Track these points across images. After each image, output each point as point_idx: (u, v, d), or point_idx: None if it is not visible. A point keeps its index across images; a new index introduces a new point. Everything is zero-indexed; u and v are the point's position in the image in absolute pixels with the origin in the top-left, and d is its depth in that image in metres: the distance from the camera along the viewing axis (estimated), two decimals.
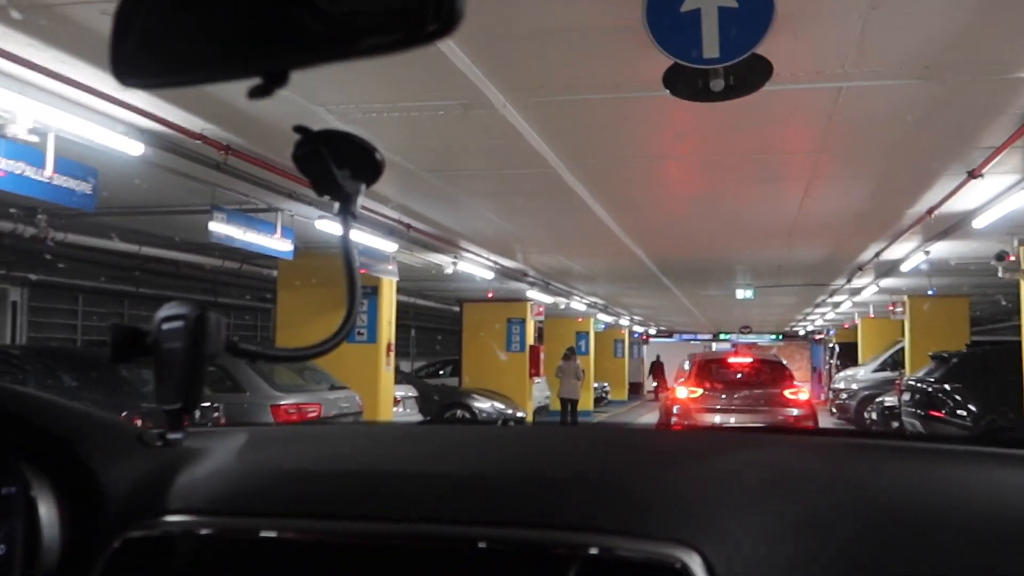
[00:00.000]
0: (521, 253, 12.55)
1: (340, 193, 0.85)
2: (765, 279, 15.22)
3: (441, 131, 5.92)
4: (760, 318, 28.41)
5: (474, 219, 9.91)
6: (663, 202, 8.96)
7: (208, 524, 0.97)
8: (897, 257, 11.70)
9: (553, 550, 0.88)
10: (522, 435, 1.51)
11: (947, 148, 6.35)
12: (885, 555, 0.85)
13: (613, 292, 19.52)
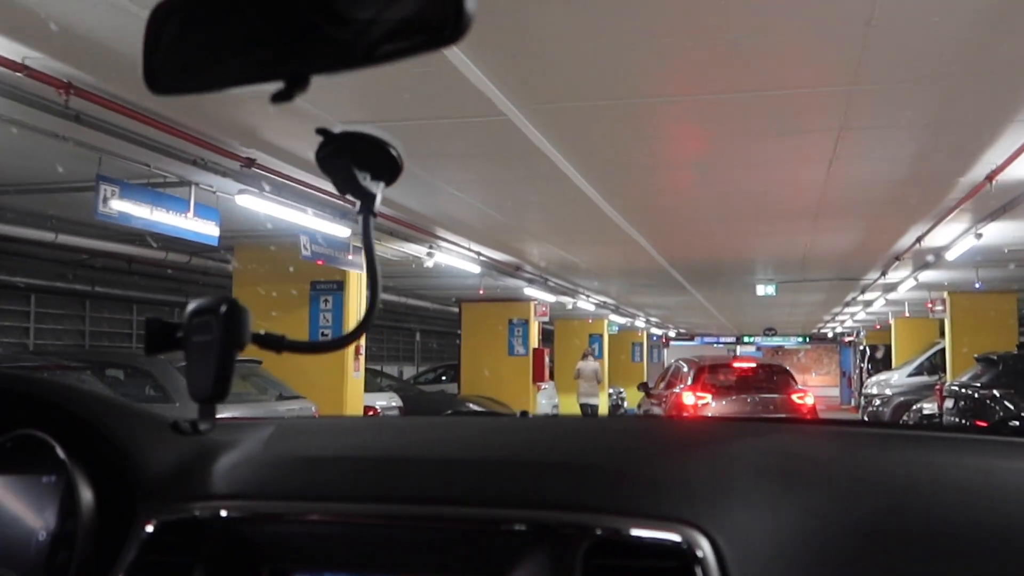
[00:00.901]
0: (512, 244, 11.07)
1: (361, 193, 0.86)
2: (788, 273, 13.61)
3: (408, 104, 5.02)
4: (785, 319, 26.72)
5: (451, 204, 8.51)
6: (666, 174, 7.46)
7: (237, 507, 1.00)
8: (940, 244, 10.09)
9: (563, 531, 0.89)
10: (538, 424, 1.61)
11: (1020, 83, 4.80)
12: (890, 539, 0.86)
13: (624, 291, 17.97)
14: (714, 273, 14.04)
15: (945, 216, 8.29)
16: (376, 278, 0.89)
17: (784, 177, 7.16)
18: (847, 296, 18.13)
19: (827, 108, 5.26)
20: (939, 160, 6.44)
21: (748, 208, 8.63)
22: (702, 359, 13.02)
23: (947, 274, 13.12)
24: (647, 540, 0.87)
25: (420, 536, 0.96)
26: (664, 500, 0.92)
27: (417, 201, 8.53)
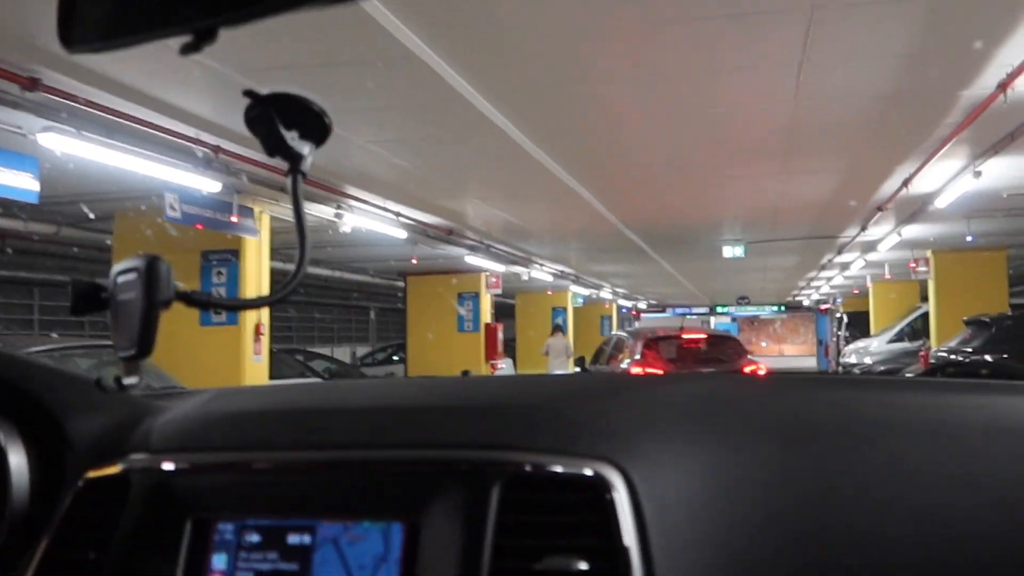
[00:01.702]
0: (441, 204, 9.57)
1: (290, 154, 0.85)
2: (758, 231, 12.18)
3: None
4: (758, 287, 25.39)
5: (365, 159, 7.11)
6: (609, 116, 6.00)
7: (161, 461, 1.02)
8: (930, 190, 8.69)
9: (480, 468, 0.91)
10: (472, 380, 1.78)
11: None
12: (803, 469, 0.88)
13: (582, 258, 16.50)
14: (676, 235, 12.59)
15: (940, 149, 6.86)
16: (305, 241, 0.85)
17: (748, 96, 5.69)
18: (823, 258, 16.75)
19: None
20: (937, 65, 4.99)
21: (708, 149, 7.18)
22: (650, 331, 11.86)
23: (934, 228, 11.75)
24: (562, 475, 0.89)
25: (340, 481, 0.97)
26: (582, 438, 0.93)
27: (324, 155, 7.02)
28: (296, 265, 0.84)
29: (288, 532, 0.96)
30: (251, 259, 9.07)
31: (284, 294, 0.87)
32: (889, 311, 19.68)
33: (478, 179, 8.43)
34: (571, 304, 23.62)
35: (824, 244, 14.08)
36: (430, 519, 0.91)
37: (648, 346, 10.69)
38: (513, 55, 4.93)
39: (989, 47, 4.71)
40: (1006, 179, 8.28)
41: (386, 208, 9.15)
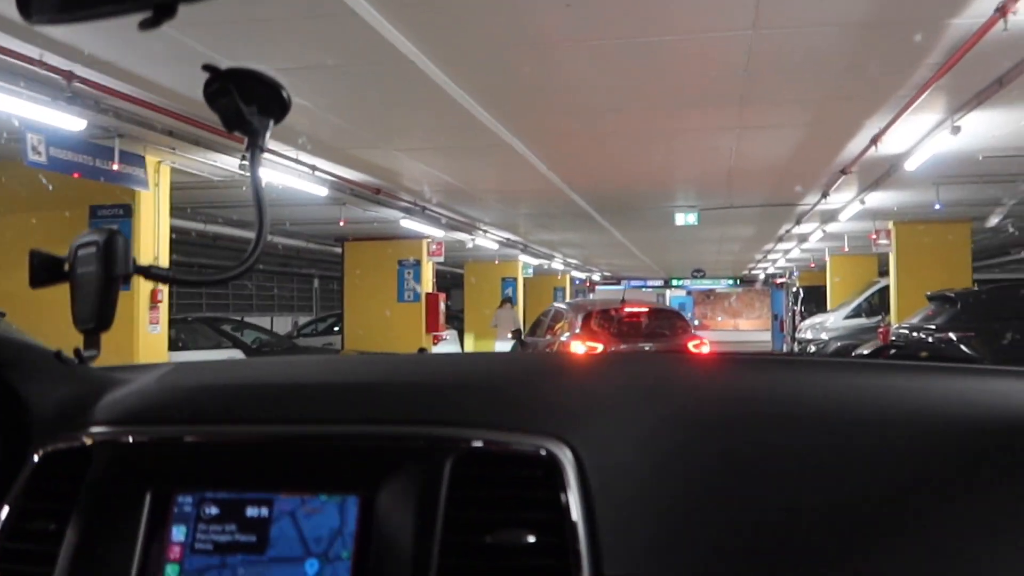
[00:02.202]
0: (366, 159, 8.59)
1: (248, 129, 0.86)
2: (712, 196, 11.35)
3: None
4: (713, 259, 24.68)
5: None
6: (547, 56, 5.10)
7: (121, 433, 1.02)
8: (899, 151, 7.91)
9: (431, 444, 0.93)
10: (425, 358, 1.67)
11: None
12: (745, 449, 0.90)
13: (528, 225, 15.58)
14: (625, 199, 11.72)
15: (916, 97, 6.03)
16: (263, 215, 0.88)
17: (700, 22, 4.80)
18: (780, 229, 16.02)
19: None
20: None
21: (656, 90, 6.30)
22: (590, 303, 11.34)
23: (899, 196, 11.01)
24: (513, 451, 0.91)
25: (298, 456, 0.98)
26: (533, 416, 0.95)
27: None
28: (255, 240, 0.88)
29: (246, 505, 0.96)
30: (146, 216, 8.06)
31: (243, 269, 0.90)
32: (846, 286, 19.12)
33: (399, 128, 7.47)
34: (521, 274, 22.77)
35: (782, 213, 13.31)
36: (384, 493, 0.93)
37: (587, 319, 9.99)
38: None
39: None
40: (984, 139, 7.50)
41: (298, 160, 8.15)
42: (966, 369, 1.11)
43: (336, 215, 11.16)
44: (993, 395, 0.99)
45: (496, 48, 5.30)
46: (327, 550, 0.93)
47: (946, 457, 0.87)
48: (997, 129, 7.17)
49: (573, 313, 10.51)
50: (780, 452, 0.89)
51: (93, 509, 0.98)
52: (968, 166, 8.70)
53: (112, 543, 0.96)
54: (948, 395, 0.99)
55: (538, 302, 23.97)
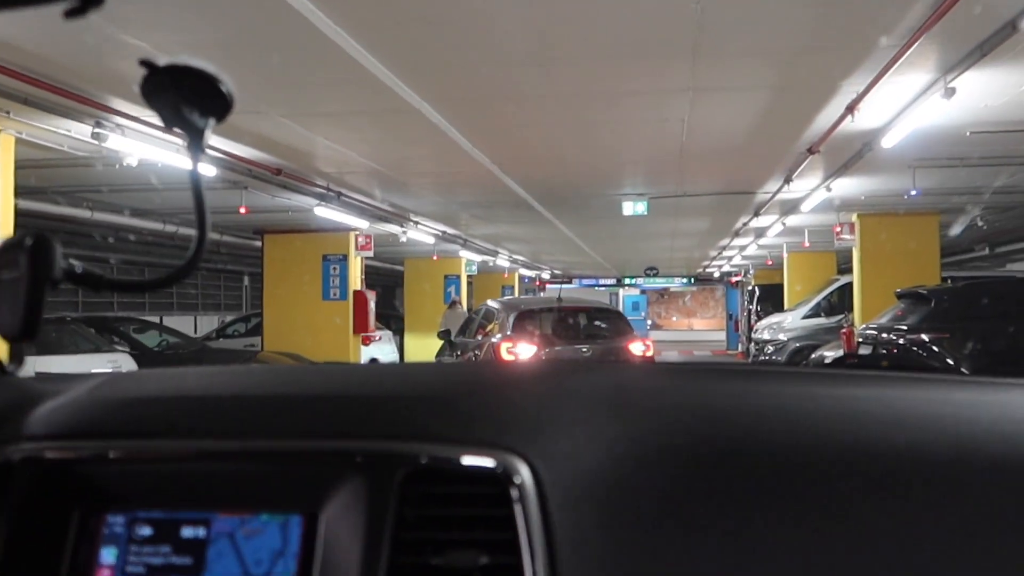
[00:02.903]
0: (257, 133, 7.26)
1: (189, 129, 0.83)
2: (662, 182, 10.16)
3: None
4: (667, 256, 23.61)
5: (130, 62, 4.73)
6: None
7: (47, 449, 0.96)
8: (877, 124, 6.78)
9: (379, 459, 0.88)
10: (378, 367, 1.59)
11: None
12: (709, 461, 0.87)
13: (465, 216, 14.31)
14: (567, 186, 10.49)
15: (910, 45, 4.87)
16: (204, 215, 0.84)
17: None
18: (737, 222, 14.93)
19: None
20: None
21: (590, 39, 5.08)
22: (524, 302, 10.54)
23: (869, 183, 9.93)
24: (465, 467, 0.87)
25: (237, 471, 0.93)
26: (485, 428, 0.91)
27: (77, 49, 4.91)
28: (195, 242, 0.83)
29: (182, 525, 0.92)
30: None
31: (182, 274, 0.87)
32: (804, 284, 18.25)
33: (287, 88, 6.15)
34: (465, 272, 21.52)
35: (739, 204, 12.19)
36: (329, 512, 0.89)
37: (520, 319, 8.97)
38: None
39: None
40: (975, 109, 6.39)
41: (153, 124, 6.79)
42: (941, 380, 1.08)
43: (236, 201, 9.80)
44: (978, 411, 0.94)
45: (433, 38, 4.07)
46: (268, 572, 0.88)
47: (925, 484, 0.84)
48: (994, 96, 6.05)
49: (505, 312, 9.43)
50: (745, 472, 0.85)
51: (15, 530, 0.91)
52: (951, 145, 7.61)
53: (36, 566, 0.91)
54: (928, 413, 0.94)
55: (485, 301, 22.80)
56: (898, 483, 0.84)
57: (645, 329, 32.74)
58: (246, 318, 18.51)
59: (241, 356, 13.87)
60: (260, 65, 5.53)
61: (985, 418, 0.92)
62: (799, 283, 18.64)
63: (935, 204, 11.86)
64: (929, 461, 0.85)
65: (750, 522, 0.82)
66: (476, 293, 23.69)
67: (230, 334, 17.84)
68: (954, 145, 7.61)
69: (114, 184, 9.42)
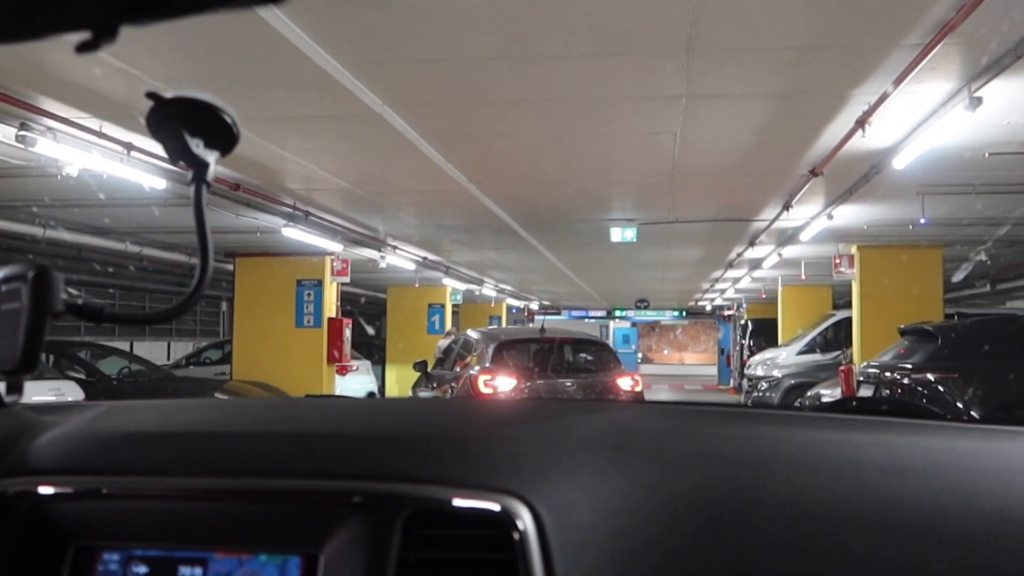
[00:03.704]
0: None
1: (194, 161, 0.83)
2: (652, 206, 9.52)
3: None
4: (658, 288, 22.98)
5: (64, 60, 4.43)
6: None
7: (42, 484, 0.94)
8: (889, 143, 6.17)
9: (382, 501, 0.87)
10: (371, 403, 1.55)
11: None
12: (713, 508, 0.86)
13: (446, 242, 13.65)
14: (551, 209, 9.84)
15: (933, 46, 4.24)
16: (208, 249, 0.84)
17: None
18: (731, 252, 14.30)
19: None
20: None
21: (573, 37, 4.45)
22: (505, 332, 10.11)
23: (872, 211, 9.31)
24: (467, 510, 0.86)
25: (235, 510, 0.91)
26: (488, 471, 0.90)
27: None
28: (197, 276, 0.82)
29: (178, 564, 0.91)
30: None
31: (185, 306, 0.85)
32: (799, 319, 17.66)
33: (237, 90, 5.49)
34: (450, 300, 20.84)
35: (734, 232, 11.57)
36: (330, 553, 0.88)
37: (500, 350, 8.33)
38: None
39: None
40: (997, 127, 5.78)
41: (102, 133, 6.14)
42: (944, 427, 1.05)
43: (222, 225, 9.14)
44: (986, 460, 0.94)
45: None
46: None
47: (924, 534, 0.84)
48: (1022, 110, 5.43)
49: (484, 343, 8.78)
50: (747, 519, 0.86)
51: (9, 564, 0.90)
52: (965, 169, 6.99)
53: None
54: (929, 462, 0.94)
55: None
56: (898, 532, 0.83)
57: (636, 363, 32.19)
58: (220, 344, 17.78)
59: (208, 385, 13.14)
60: (205, 62, 4.89)
61: (989, 468, 0.91)
62: (794, 317, 18.06)
63: (940, 236, 11.27)
64: (928, 512, 0.85)
65: (750, 569, 0.82)
66: (462, 323, 23.04)
67: (203, 361, 17.11)
68: (968, 169, 7.00)
69: (64, 199, 8.74)
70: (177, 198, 8.10)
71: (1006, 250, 12.45)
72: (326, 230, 10.81)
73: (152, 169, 6.94)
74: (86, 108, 5.82)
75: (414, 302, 20.24)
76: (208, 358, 17.10)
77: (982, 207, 8.50)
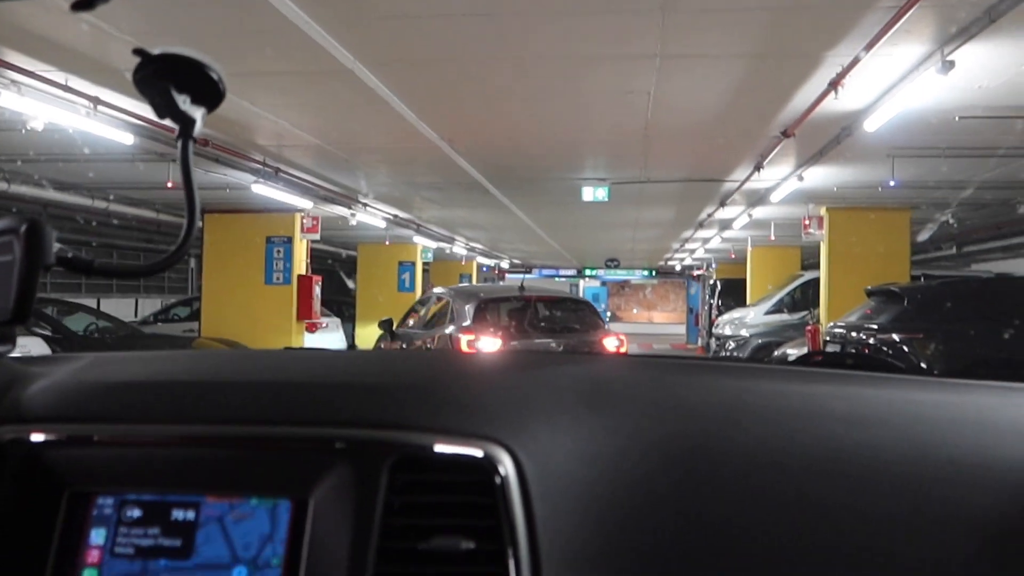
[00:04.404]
0: None
1: (180, 118, 0.84)
2: (625, 166, 9.52)
3: None
4: (628, 247, 23.04)
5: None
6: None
7: (37, 431, 0.97)
8: (860, 105, 6.20)
9: (369, 447, 0.90)
10: (355, 354, 1.64)
11: None
12: (684, 455, 0.90)
13: (417, 199, 13.57)
14: (523, 168, 9.81)
15: (910, 7, 4.25)
16: (195, 204, 0.86)
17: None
18: (702, 213, 14.36)
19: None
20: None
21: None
22: (483, 290, 9.44)
23: (842, 173, 9.37)
24: (451, 456, 0.89)
25: (225, 456, 0.94)
26: (470, 418, 0.93)
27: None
28: (185, 229, 0.85)
29: (171, 508, 0.93)
30: None
31: (173, 260, 0.87)
32: (768, 279, 17.79)
33: (207, 43, 5.39)
34: (420, 258, 20.76)
35: (705, 192, 11.61)
36: (318, 498, 0.90)
37: (482, 309, 8.09)
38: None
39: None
40: (968, 91, 5.83)
41: (68, 87, 6.01)
42: (905, 380, 1.10)
43: (163, 176, 9.00)
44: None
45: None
46: (256, 556, 0.89)
47: (883, 481, 0.87)
48: (992, 75, 5.48)
49: (461, 301, 8.52)
50: (717, 466, 0.89)
51: (4, 510, 0.92)
52: (935, 132, 7.05)
53: (26, 545, 0.91)
54: (889, 412, 0.98)
55: None
56: (858, 479, 0.87)
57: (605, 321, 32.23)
58: (188, 301, 17.61)
59: (176, 343, 13.04)
60: (174, 15, 4.80)
61: (945, 419, 0.96)
62: (762, 278, 18.20)
63: (908, 198, 11.37)
64: (888, 459, 0.89)
65: (721, 513, 0.85)
66: (433, 281, 22.99)
67: (171, 318, 16.97)
68: (938, 133, 7.05)
69: (29, 154, 8.57)
70: (145, 153, 7.98)
71: (972, 213, 12.60)
72: (296, 187, 10.72)
73: (120, 124, 6.82)
74: (52, 61, 5.69)
75: (384, 260, 20.13)
76: (176, 315, 16.95)
77: (949, 170, 8.58)
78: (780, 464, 0.89)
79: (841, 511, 0.85)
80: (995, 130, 6.86)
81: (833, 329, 10.25)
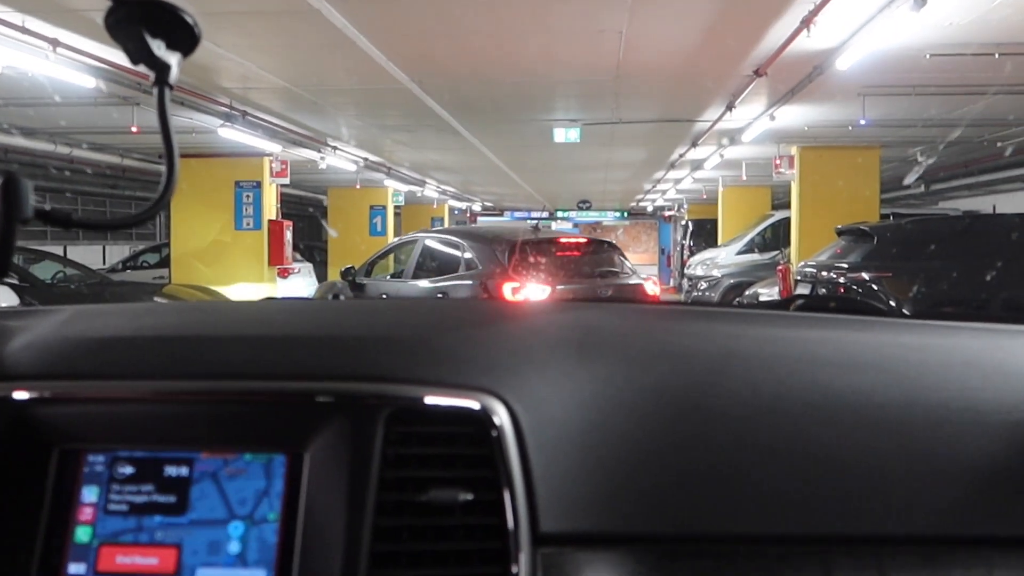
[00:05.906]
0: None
1: (155, 64, 0.83)
2: (596, 106, 9.45)
3: None
4: (600, 189, 23.01)
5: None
6: None
7: (23, 388, 0.95)
8: (833, 43, 6.17)
9: (364, 400, 0.90)
10: (352, 305, 1.60)
11: None
12: (677, 402, 0.91)
13: (386, 142, 13.43)
14: (493, 106, 9.70)
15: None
16: (173, 151, 0.85)
17: None
18: (673, 153, 14.34)
19: None
20: None
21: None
22: (507, 231, 8.28)
23: (814, 112, 9.37)
24: (446, 408, 0.89)
25: (217, 411, 0.93)
26: (464, 370, 0.93)
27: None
28: (165, 178, 0.84)
29: (164, 464, 0.92)
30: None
31: (154, 211, 0.87)
32: (739, 219, 17.85)
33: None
34: (391, 202, 20.61)
35: (677, 133, 11.57)
36: (313, 452, 0.89)
37: (515, 252, 7.26)
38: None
39: None
40: (939, 28, 5.81)
41: (25, 28, 5.84)
42: (891, 323, 1.12)
43: (127, 120, 8.82)
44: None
45: None
46: (252, 512, 0.89)
47: (875, 424, 0.89)
48: (963, 12, 5.47)
49: (484, 244, 7.59)
50: (709, 413, 0.90)
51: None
52: (906, 71, 7.06)
53: (17, 505, 0.90)
54: (879, 356, 0.98)
55: None
56: (849, 423, 0.89)
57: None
58: (158, 248, 17.37)
59: (146, 290, 12.90)
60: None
61: (932, 361, 0.97)
62: (734, 218, 18.26)
63: (878, 137, 11.41)
64: (878, 402, 0.91)
65: (714, 459, 0.86)
66: (404, 225, 22.88)
67: (140, 265, 16.77)
68: (909, 71, 7.05)
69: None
70: (108, 97, 7.82)
71: (940, 152, 12.68)
72: (264, 130, 10.56)
73: (80, 67, 6.66)
74: (7, 1, 5.52)
75: (355, 204, 19.96)
76: (145, 262, 16.73)
77: (919, 108, 8.60)
78: (772, 409, 0.90)
79: (834, 455, 0.86)
80: (965, 68, 6.87)
81: (804, 268, 10.33)
